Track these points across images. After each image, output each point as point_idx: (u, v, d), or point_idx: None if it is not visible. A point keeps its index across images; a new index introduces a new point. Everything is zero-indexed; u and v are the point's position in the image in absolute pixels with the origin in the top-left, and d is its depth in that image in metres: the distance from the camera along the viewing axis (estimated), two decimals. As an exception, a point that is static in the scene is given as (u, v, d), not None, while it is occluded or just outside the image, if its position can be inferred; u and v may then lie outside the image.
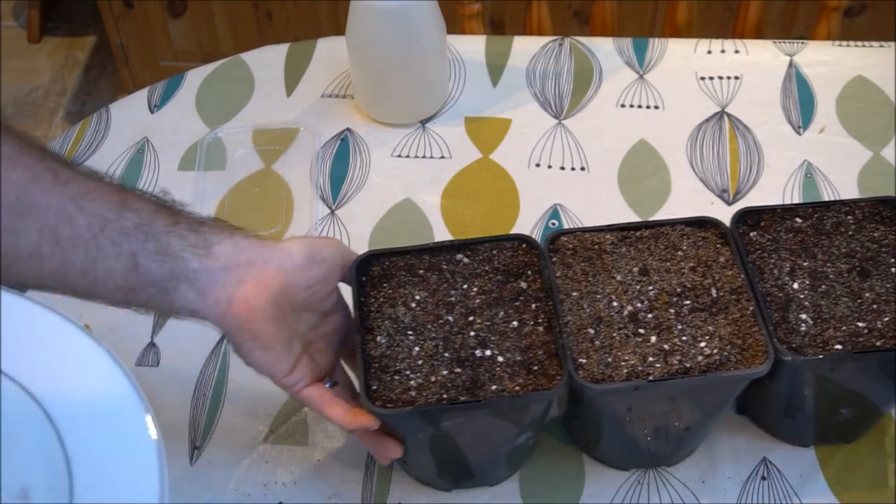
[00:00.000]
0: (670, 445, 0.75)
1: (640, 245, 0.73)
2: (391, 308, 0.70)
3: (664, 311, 0.70)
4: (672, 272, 0.72)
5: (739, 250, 0.73)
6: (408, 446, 0.70)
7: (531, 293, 0.71)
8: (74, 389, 0.66)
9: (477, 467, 0.74)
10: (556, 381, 0.66)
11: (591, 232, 0.74)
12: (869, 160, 0.98)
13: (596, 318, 0.69)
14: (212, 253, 0.64)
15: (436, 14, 0.98)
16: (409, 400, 0.66)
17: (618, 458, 0.76)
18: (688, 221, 0.75)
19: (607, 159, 0.99)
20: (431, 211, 0.96)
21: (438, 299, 0.71)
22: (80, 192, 0.60)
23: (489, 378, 0.66)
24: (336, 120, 1.04)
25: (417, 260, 0.73)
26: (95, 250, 0.60)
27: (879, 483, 0.76)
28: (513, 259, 0.73)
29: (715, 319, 0.69)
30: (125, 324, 0.87)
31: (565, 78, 1.07)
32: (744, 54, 1.09)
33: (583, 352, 0.68)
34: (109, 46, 2.08)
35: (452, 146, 1.01)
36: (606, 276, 0.72)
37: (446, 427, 0.67)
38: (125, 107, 1.07)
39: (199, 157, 1.00)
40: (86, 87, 2.28)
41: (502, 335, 0.69)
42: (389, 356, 0.68)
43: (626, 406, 0.69)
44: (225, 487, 0.77)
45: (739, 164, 0.99)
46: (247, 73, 1.09)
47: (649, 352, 0.67)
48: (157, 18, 1.99)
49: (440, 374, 0.67)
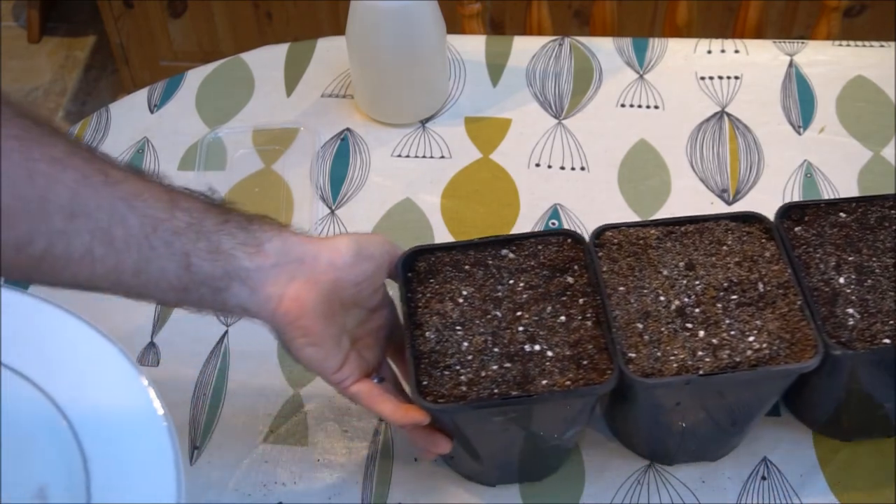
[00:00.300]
0: (716, 440, 0.76)
1: (685, 240, 0.74)
2: (439, 303, 0.71)
3: (711, 306, 0.70)
4: (718, 267, 0.72)
5: (785, 245, 0.73)
6: (455, 441, 0.71)
7: (578, 288, 0.71)
8: (90, 390, 0.67)
9: (524, 462, 0.75)
10: (608, 376, 0.66)
11: (636, 227, 0.75)
12: (869, 160, 0.98)
13: (643, 312, 0.70)
14: (262, 250, 0.64)
15: (436, 14, 0.98)
16: (461, 395, 0.66)
17: (662, 453, 0.77)
18: (732, 216, 0.75)
19: (607, 159, 0.99)
20: (431, 211, 0.96)
21: (485, 294, 0.71)
22: (130, 192, 0.60)
23: (539, 373, 0.67)
24: (336, 120, 1.04)
25: (463, 255, 0.73)
26: (148, 250, 0.60)
27: (879, 483, 0.76)
28: (558, 254, 0.73)
29: (762, 314, 0.69)
30: (125, 324, 0.87)
31: (565, 78, 1.07)
32: (744, 54, 1.09)
33: (632, 346, 0.68)
34: (109, 46, 2.08)
35: (452, 146, 1.01)
36: (652, 271, 0.72)
37: (496, 422, 0.68)
38: (125, 107, 1.07)
39: (199, 157, 1.00)
40: (86, 87, 2.28)
41: (551, 330, 0.69)
42: (439, 351, 0.68)
43: (675, 400, 0.70)
44: (225, 487, 0.77)
45: (739, 163, 0.99)
46: (247, 73, 1.09)
47: (698, 346, 0.68)
48: (157, 18, 1.99)
49: (490, 369, 0.67)
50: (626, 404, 0.73)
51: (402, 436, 0.79)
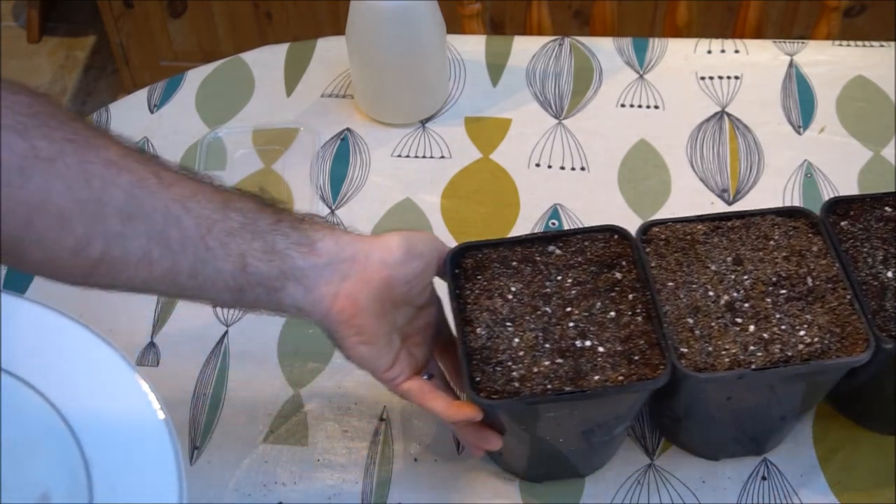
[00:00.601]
0: (764, 434, 0.76)
1: (732, 235, 0.74)
2: (488, 300, 0.71)
3: (761, 301, 0.70)
4: (766, 262, 0.73)
5: (832, 239, 0.74)
6: (505, 438, 0.71)
7: (627, 284, 0.72)
8: (91, 394, 0.67)
9: (574, 457, 0.75)
10: (660, 371, 0.66)
11: (683, 222, 0.75)
12: (869, 160, 0.98)
13: (693, 307, 0.70)
14: (315, 250, 0.64)
15: (436, 14, 0.98)
16: (514, 391, 0.66)
17: (708, 448, 0.77)
18: (778, 211, 0.76)
19: (607, 159, 0.99)
20: (431, 211, 0.96)
21: (534, 290, 0.71)
22: (184, 193, 0.60)
23: (591, 368, 0.67)
24: (336, 120, 1.04)
25: (510, 252, 0.73)
26: (204, 251, 0.60)
27: (879, 483, 0.76)
28: (605, 250, 0.74)
29: (812, 308, 0.70)
30: (125, 324, 0.87)
31: (565, 78, 1.07)
32: (744, 54, 1.09)
33: (683, 341, 0.68)
34: (109, 46, 2.08)
35: (452, 146, 1.01)
36: (700, 266, 0.72)
37: (549, 417, 0.68)
38: (125, 107, 1.07)
39: (200, 156, 1.00)
40: (86, 87, 2.28)
41: (601, 325, 0.69)
42: (490, 348, 0.68)
43: (727, 395, 0.70)
44: (225, 487, 0.77)
45: (739, 163, 0.99)
46: (247, 73, 1.09)
47: (749, 341, 0.68)
48: (157, 18, 1.99)
49: (542, 365, 0.67)
50: (672, 400, 0.73)
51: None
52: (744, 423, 0.74)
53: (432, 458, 0.78)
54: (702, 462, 0.77)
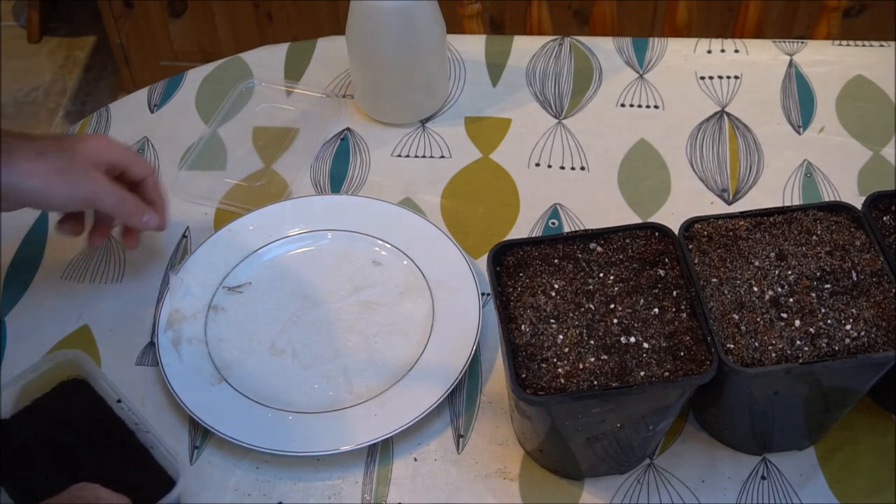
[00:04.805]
0: (807, 429, 0.76)
1: (774, 230, 0.75)
2: (531, 297, 0.71)
3: (805, 295, 0.71)
4: (809, 256, 0.73)
5: (876, 234, 0.74)
6: (548, 435, 0.71)
7: (670, 280, 0.72)
8: None
9: (615, 453, 0.75)
10: (707, 366, 0.67)
11: (725, 219, 0.75)
12: (869, 160, 0.98)
13: (738, 303, 0.70)
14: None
15: (436, 14, 0.98)
16: (560, 387, 0.66)
17: (752, 443, 0.77)
18: (819, 206, 0.76)
19: (607, 159, 0.99)
20: (431, 211, 0.96)
21: (577, 288, 0.72)
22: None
23: (636, 364, 0.67)
24: (336, 120, 1.04)
25: (552, 249, 0.74)
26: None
27: (879, 483, 0.76)
28: (646, 247, 0.74)
29: (857, 302, 0.70)
30: (125, 324, 0.87)
31: (565, 78, 1.07)
32: (744, 54, 1.09)
33: (729, 337, 0.69)
34: (109, 46, 2.08)
35: (452, 146, 1.01)
36: (744, 262, 0.73)
37: (595, 413, 0.68)
38: (125, 106, 1.07)
39: (198, 147, 1.00)
40: (86, 87, 2.28)
41: (645, 322, 0.70)
42: (535, 344, 0.69)
43: (773, 390, 0.70)
44: (225, 487, 0.77)
45: (739, 163, 0.99)
46: (247, 73, 1.09)
47: (795, 335, 0.68)
48: (157, 18, 1.99)
49: (587, 362, 0.68)
50: (717, 395, 0.73)
51: (403, 436, 0.79)
52: (788, 417, 0.74)
53: (432, 458, 0.78)
54: (702, 462, 0.77)
